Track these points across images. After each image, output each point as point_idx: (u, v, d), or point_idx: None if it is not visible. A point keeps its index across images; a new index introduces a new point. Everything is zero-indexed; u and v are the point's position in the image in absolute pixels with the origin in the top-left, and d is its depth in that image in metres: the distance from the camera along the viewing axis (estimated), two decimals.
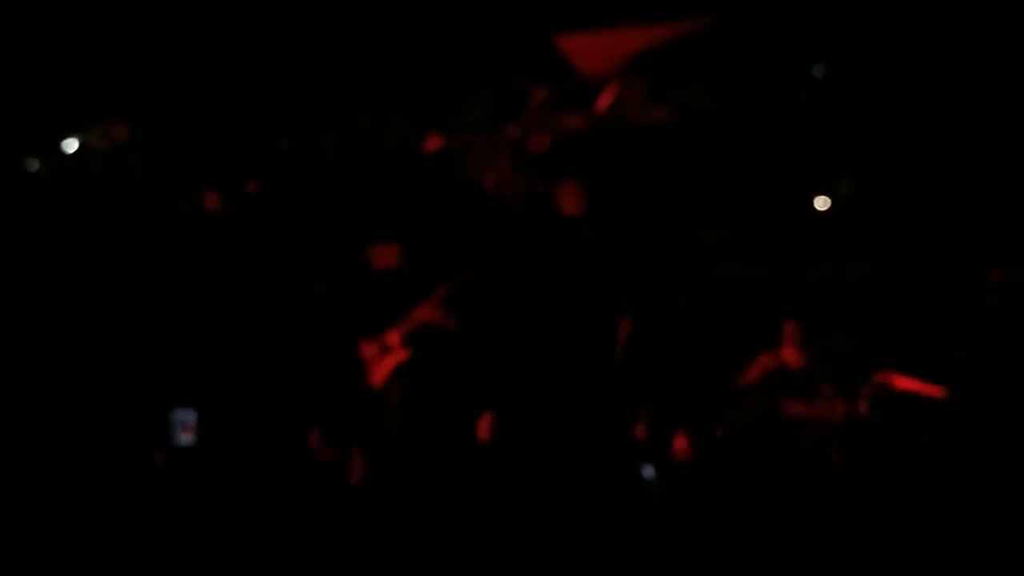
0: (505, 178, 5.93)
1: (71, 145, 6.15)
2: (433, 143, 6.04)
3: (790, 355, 5.54)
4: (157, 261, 5.80)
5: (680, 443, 5.34)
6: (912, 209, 5.43)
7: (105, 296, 5.70)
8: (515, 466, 5.24)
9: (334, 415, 5.50)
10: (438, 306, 5.75)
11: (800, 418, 5.45)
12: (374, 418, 5.55)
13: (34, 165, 6.14)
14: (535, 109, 6.00)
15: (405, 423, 5.54)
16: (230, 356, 5.61)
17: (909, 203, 5.44)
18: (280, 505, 4.96)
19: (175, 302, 5.71)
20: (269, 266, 5.85)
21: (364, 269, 5.95)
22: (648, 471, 5.17)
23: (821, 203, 5.72)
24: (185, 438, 5.42)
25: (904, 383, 5.19)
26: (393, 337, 5.78)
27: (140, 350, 5.58)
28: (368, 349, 5.77)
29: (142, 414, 5.45)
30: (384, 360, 5.76)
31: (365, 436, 5.39)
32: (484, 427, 5.41)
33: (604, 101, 5.92)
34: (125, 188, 6.09)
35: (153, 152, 6.16)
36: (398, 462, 5.31)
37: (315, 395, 5.57)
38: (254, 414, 5.47)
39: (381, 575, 4.55)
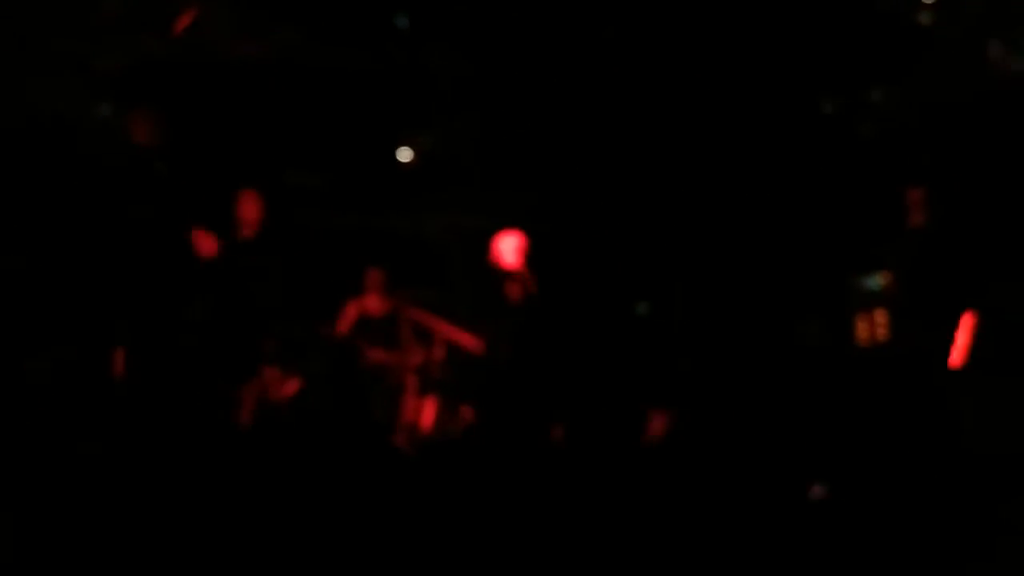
0: (68, 101, 5.27)
1: None
2: None
3: (373, 304, 5.61)
4: None
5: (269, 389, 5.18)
6: (492, 164, 5.71)
7: None
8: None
9: None
10: None
11: (380, 364, 5.55)
12: None
13: None
14: (102, 24, 5.39)
15: None
16: None
17: (490, 158, 5.71)
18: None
19: None
20: None
21: None
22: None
23: (404, 155, 5.81)
24: None
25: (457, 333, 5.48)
26: None
27: None
28: None
29: None
30: None
31: None
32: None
33: (183, 23, 5.48)
34: None
35: None
36: None
37: None
38: None
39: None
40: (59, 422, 4.65)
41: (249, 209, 5.04)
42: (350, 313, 5.56)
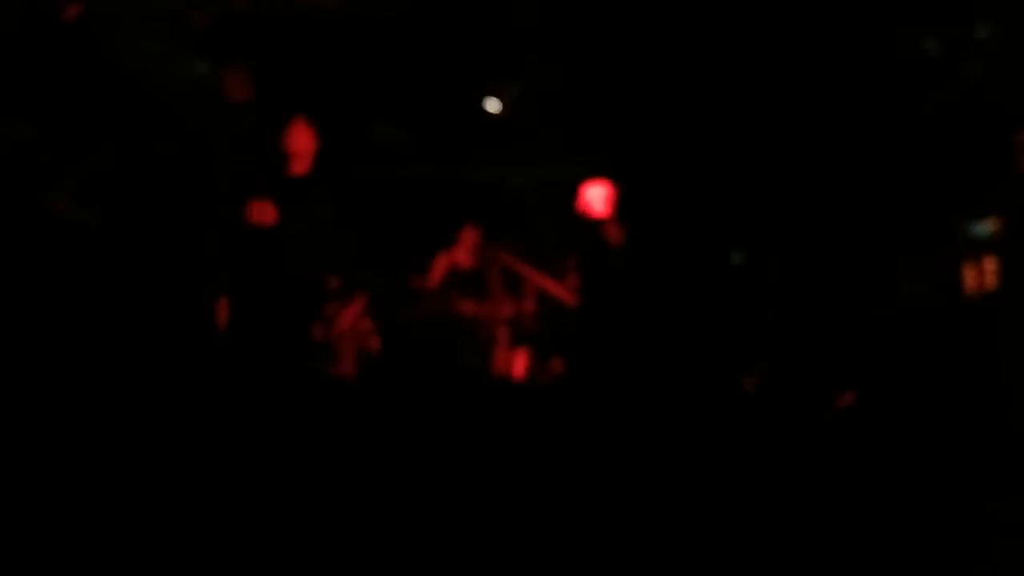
0: (159, 58, 5.32)
1: None
2: (72, 11, 5.24)
3: (463, 256, 5.61)
4: None
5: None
6: (580, 116, 5.63)
7: None
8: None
9: None
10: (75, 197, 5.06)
11: (471, 316, 5.56)
12: None
13: None
14: None
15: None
16: None
17: (577, 109, 5.63)
18: None
19: None
20: None
21: None
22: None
23: (493, 106, 5.76)
24: None
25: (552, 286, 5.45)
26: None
27: None
28: None
29: None
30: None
31: None
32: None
33: None
34: None
35: None
36: None
37: None
38: None
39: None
40: (167, 372, 4.74)
41: (301, 140, 4.59)
42: (441, 265, 5.57)
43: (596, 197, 5.23)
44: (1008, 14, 5.25)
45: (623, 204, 5.31)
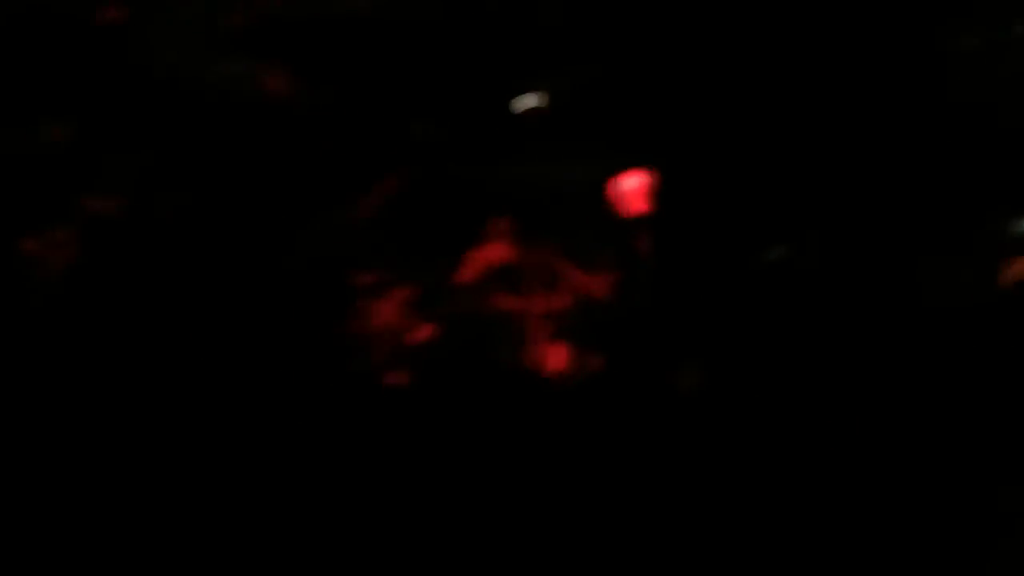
0: (199, 57, 5.41)
1: None
2: (111, 14, 5.36)
3: (499, 251, 5.61)
4: None
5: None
6: (612, 114, 5.60)
7: None
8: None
9: None
10: (114, 196, 5.17)
11: (506, 311, 5.56)
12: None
13: None
14: None
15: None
16: None
17: (610, 107, 5.60)
18: None
19: None
20: None
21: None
22: None
23: (532, 101, 5.74)
24: None
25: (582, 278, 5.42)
26: (60, 234, 5.15)
27: None
28: (30, 244, 5.10)
29: None
30: (52, 255, 5.12)
31: None
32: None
33: None
34: None
35: None
36: None
37: None
38: None
39: None
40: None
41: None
42: (477, 260, 5.58)
43: (633, 191, 5.20)
44: None
45: (661, 199, 5.26)
